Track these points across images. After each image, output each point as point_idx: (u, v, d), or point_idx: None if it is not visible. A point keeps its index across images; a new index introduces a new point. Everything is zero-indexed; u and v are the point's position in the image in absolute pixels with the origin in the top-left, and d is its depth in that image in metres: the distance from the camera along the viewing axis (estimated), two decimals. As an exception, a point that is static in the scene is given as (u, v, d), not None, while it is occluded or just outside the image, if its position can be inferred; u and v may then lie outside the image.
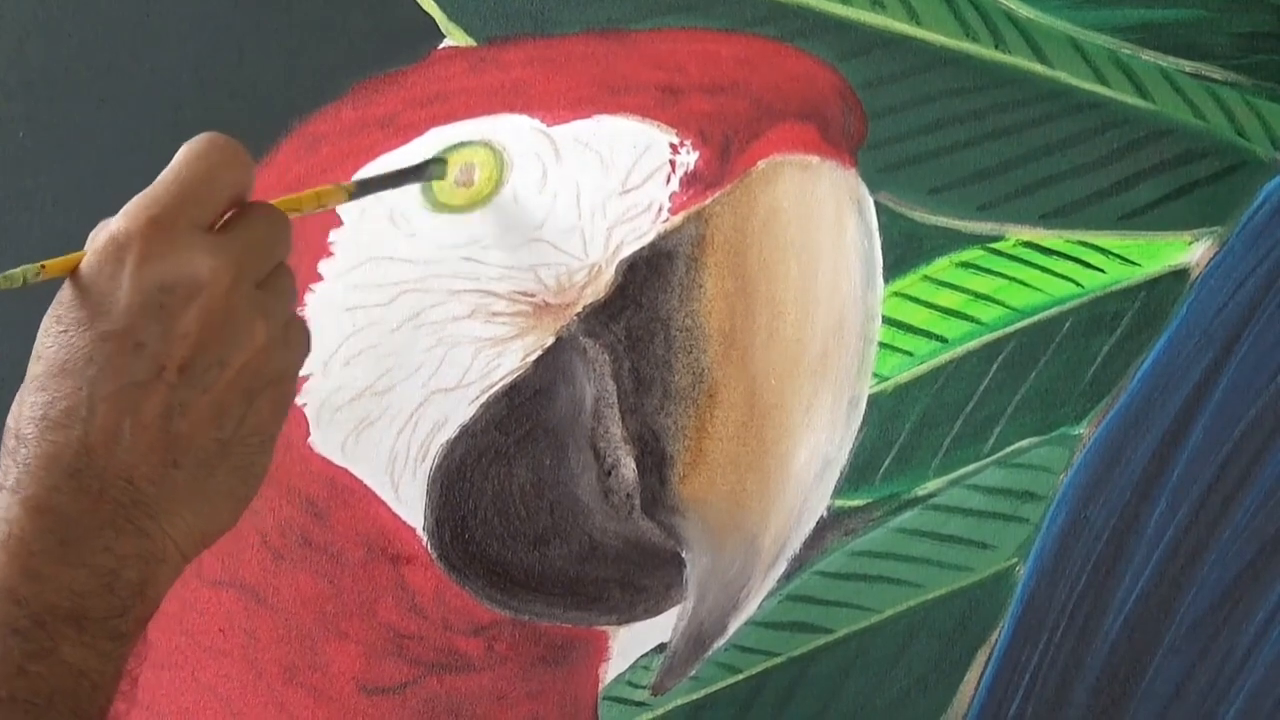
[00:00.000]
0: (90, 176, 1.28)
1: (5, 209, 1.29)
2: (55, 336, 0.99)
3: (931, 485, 1.18)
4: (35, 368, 0.99)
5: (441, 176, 1.20)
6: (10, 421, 0.99)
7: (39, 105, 1.29)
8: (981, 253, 1.19)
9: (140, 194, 1.01)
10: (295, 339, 1.05)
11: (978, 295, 1.19)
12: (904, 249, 1.19)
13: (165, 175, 1.01)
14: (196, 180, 1.01)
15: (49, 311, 1.00)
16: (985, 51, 1.20)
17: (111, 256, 0.99)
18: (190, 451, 0.99)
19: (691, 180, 1.18)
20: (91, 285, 0.99)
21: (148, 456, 0.98)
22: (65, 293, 1.00)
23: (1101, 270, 1.18)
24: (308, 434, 1.21)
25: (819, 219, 1.18)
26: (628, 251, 1.18)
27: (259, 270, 1.02)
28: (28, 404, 0.99)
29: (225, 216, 1.03)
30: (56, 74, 1.29)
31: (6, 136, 1.30)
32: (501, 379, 1.18)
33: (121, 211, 1.00)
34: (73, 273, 1.00)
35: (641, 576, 1.19)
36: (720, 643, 1.18)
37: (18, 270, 1.02)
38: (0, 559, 0.96)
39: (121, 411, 0.98)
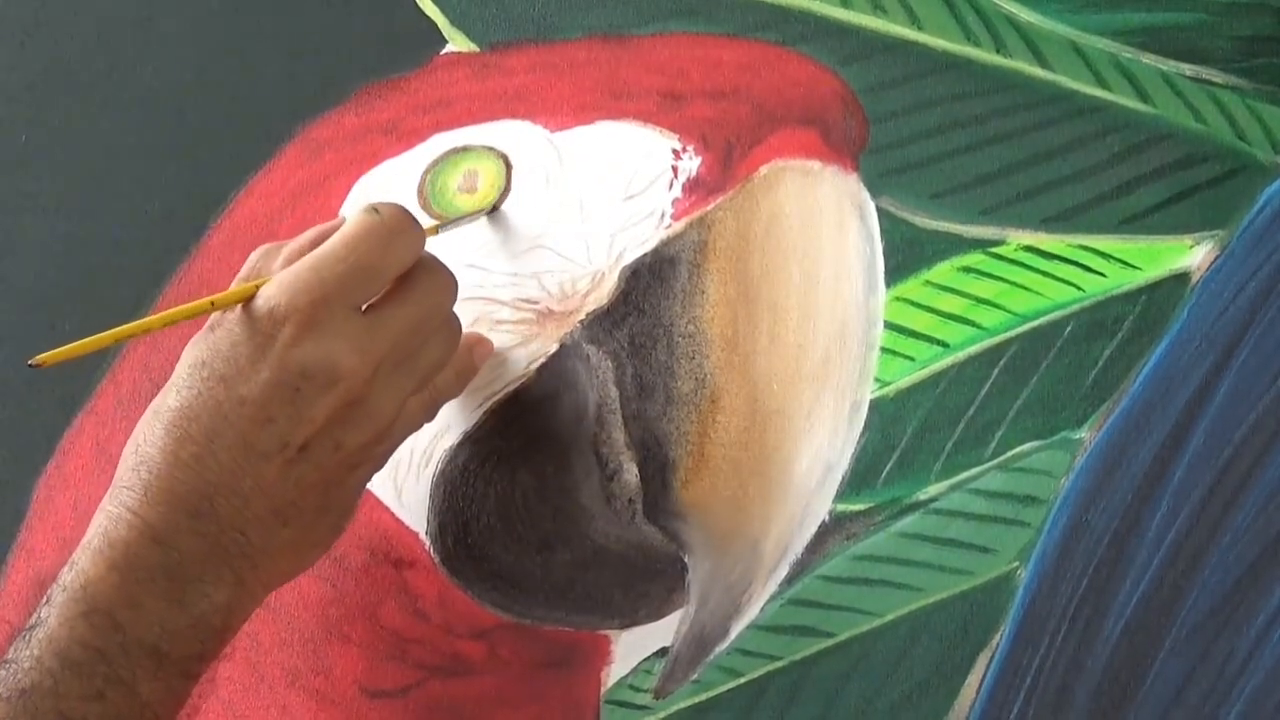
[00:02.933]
0: (91, 178, 1.28)
1: (5, 209, 1.29)
2: (201, 381, 1.03)
3: (933, 489, 1.18)
4: (171, 399, 1.03)
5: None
6: (135, 440, 1.03)
7: (39, 106, 1.29)
8: (983, 257, 1.19)
9: (307, 262, 1.03)
10: (413, 415, 1.08)
11: (979, 300, 1.19)
12: (905, 254, 1.19)
13: (336, 248, 1.03)
14: (364, 263, 1.03)
15: (197, 342, 1.04)
16: (987, 56, 1.20)
17: (265, 329, 1.02)
18: (298, 514, 1.04)
19: (694, 186, 1.18)
20: (241, 347, 1.02)
21: (263, 516, 1.02)
22: (220, 339, 1.02)
23: (1102, 274, 1.18)
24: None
25: (821, 224, 1.18)
26: (630, 258, 1.18)
27: (404, 355, 1.05)
28: (158, 434, 1.02)
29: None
30: (57, 76, 1.29)
31: (7, 137, 1.30)
32: (505, 386, 1.19)
33: (286, 284, 1.02)
34: (240, 309, 1.03)
35: (644, 581, 1.19)
36: (722, 646, 1.18)
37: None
38: (112, 578, 1.00)
39: (244, 473, 1.01)
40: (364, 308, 1.05)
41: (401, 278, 1.06)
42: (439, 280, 1.07)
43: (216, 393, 1.02)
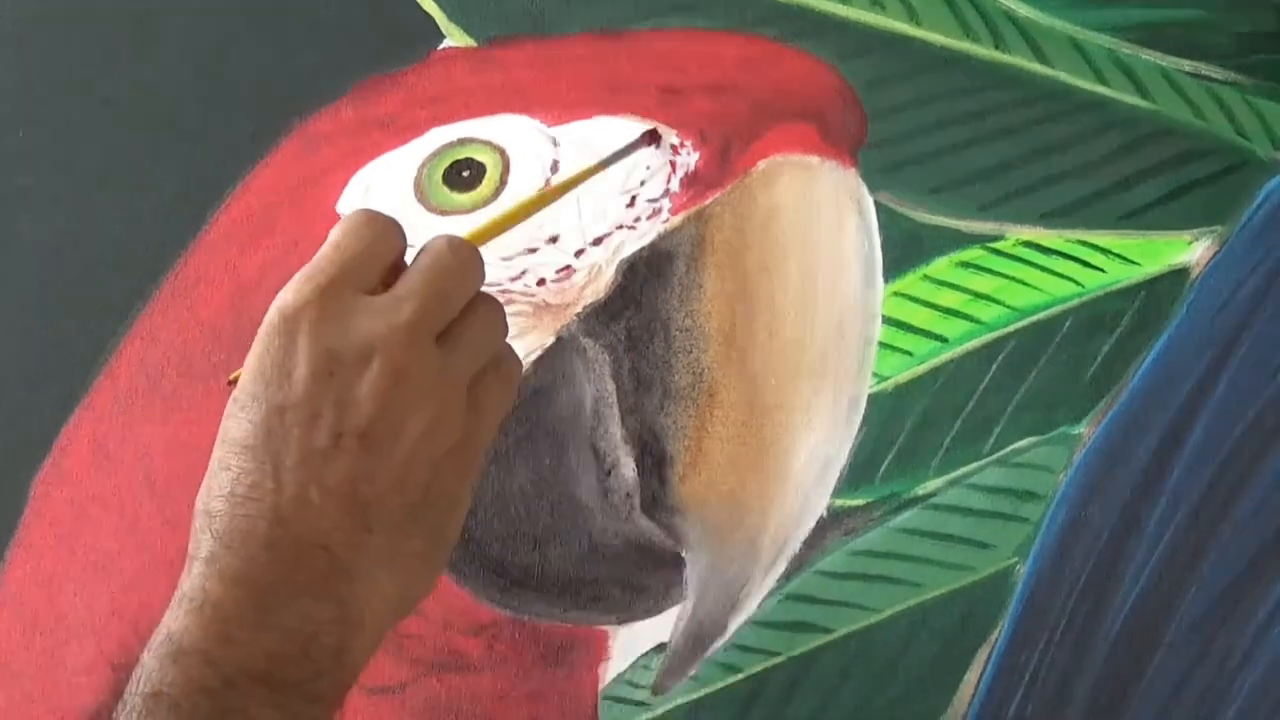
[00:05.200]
0: (90, 176, 1.28)
1: (5, 209, 1.29)
2: (234, 417, 0.99)
3: (931, 485, 1.18)
4: (219, 450, 0.99)
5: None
6: (199, 503, 0.99)
7: (39, 105, 1.29)
8: (982, 252, 1.19)
9: (302, 269, 1.00)
10: (487, 399, 1.02)
11: (978, 295, 1.19)
12: (904, 249, 1.19)
13: (324, 249, 1.01)
14: (354, 249, 1.00)
15: (231, 396, 1.00)
16: (985, 51, 1.20)
17: (282, 330, 0.99)
18: (381, 516, 0.98)
19: (692, 180, 1.18)
20: (265, 361, 0.99)
21: (340, 523, 0.98)
22: (247, 362, 1.00)
23: (1102, 270, 1.18)
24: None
25: (819, 219, 1.18)
26: (628, 252, 1.18)
27: (434, 323, 1.00)
28: (215, 483, 0.98)
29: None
30: (56, 74, 1.29)
31: (6, 136, 1.30)
32: (501, 379, 1.19)
33: (286, 287, 1.00)
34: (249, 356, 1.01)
35: (641, 576, 1.19)
36: (720, 642, 1.18)
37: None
38: (194, 624, 0.96)
39: (307, 480, 0.97)
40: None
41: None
42: (448, 252, 1.02)
43: (255, 415, 0.98)
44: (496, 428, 1.04)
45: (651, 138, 1.18)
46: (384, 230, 1.02)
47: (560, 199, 1.16)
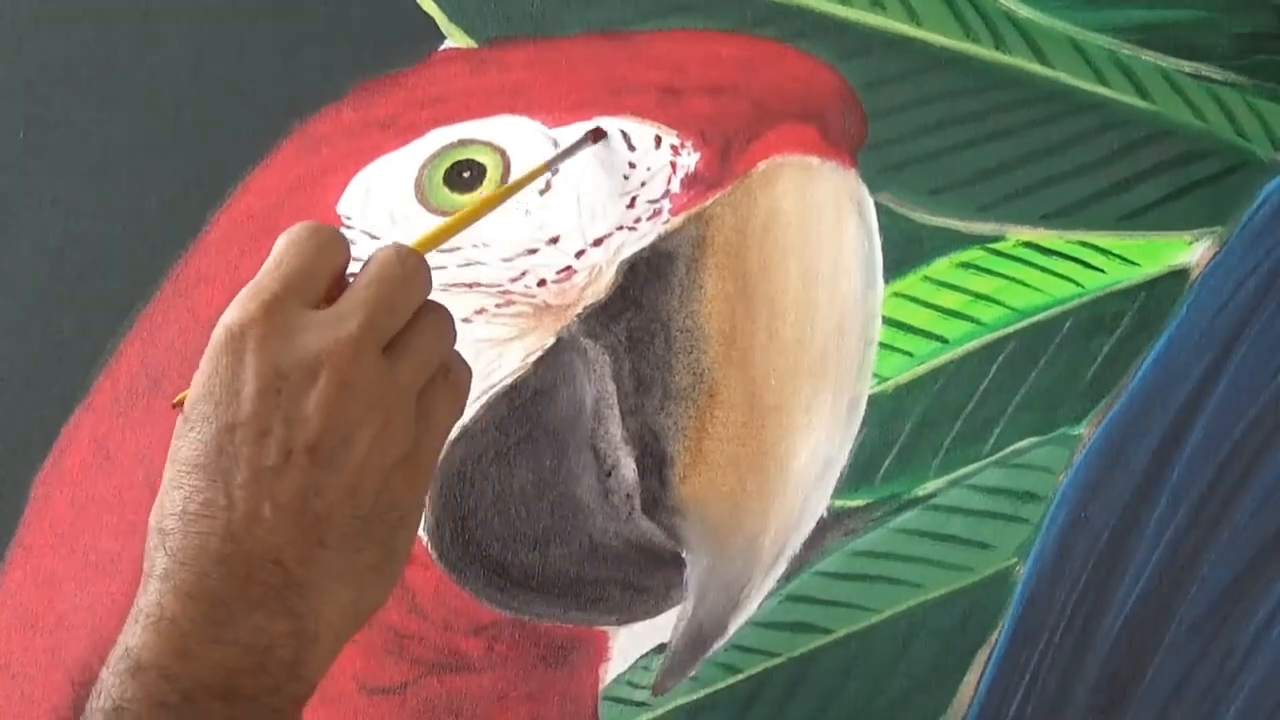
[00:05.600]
0: (90, 176, 1.28)
1: (5, 209, 1.29)
2: (185, 436, 0.99)
3: (931, 485, 1.18)
4: (169, 470, 1.00)
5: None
6: (152, 520, 0.99)
7: (39, 105, 1.29)
8: (982, 253, 1.19)
9: (246, 286, 1.00)
10: (437, 408, 1.03)
11: (978, 296, 1.19)
12: (904, 249, 1.19)
13: (266, 265, 1.01)
14: (296, 264, 1.00)
15: (180, 415, 1.00)
16: (986, 52, 1.20)
17: (228, 349, 0.99)
18: (333, 529, 0.99)
19: (692, 181, 1.18)
20: (214, 380, 0.99)
21: (292, 537, 0.98)
22: (190, 391, 1.00)
23: (1102, 270, 1.18)
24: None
25: (819, 220, 1.18)
26: (628, 252, 1.18)
27: (381, 333, 1.00)
28: (168, 502, 0.99)
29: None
30: (56, 74, 1.29)
31: (6, 136, 1.30)
32: (502, 380, 1.19)
33: (230, 306, 1.00)
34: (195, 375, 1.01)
35: (642, 577, 1.19)
36: (720, 643, 1.18)
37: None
38: (152, 640, 0.97)
39: (259, 496, 0.98)
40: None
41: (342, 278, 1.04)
42: (394, 261, 1.02)
43: (205, 434, 0.98)
44: (447, 436, 1.04)
45: (596, 136, 1.18)
46: (327, 243, 1.01)
47: (506, 201, 1.16)
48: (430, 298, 1.03)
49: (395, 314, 1.01)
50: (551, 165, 1.18)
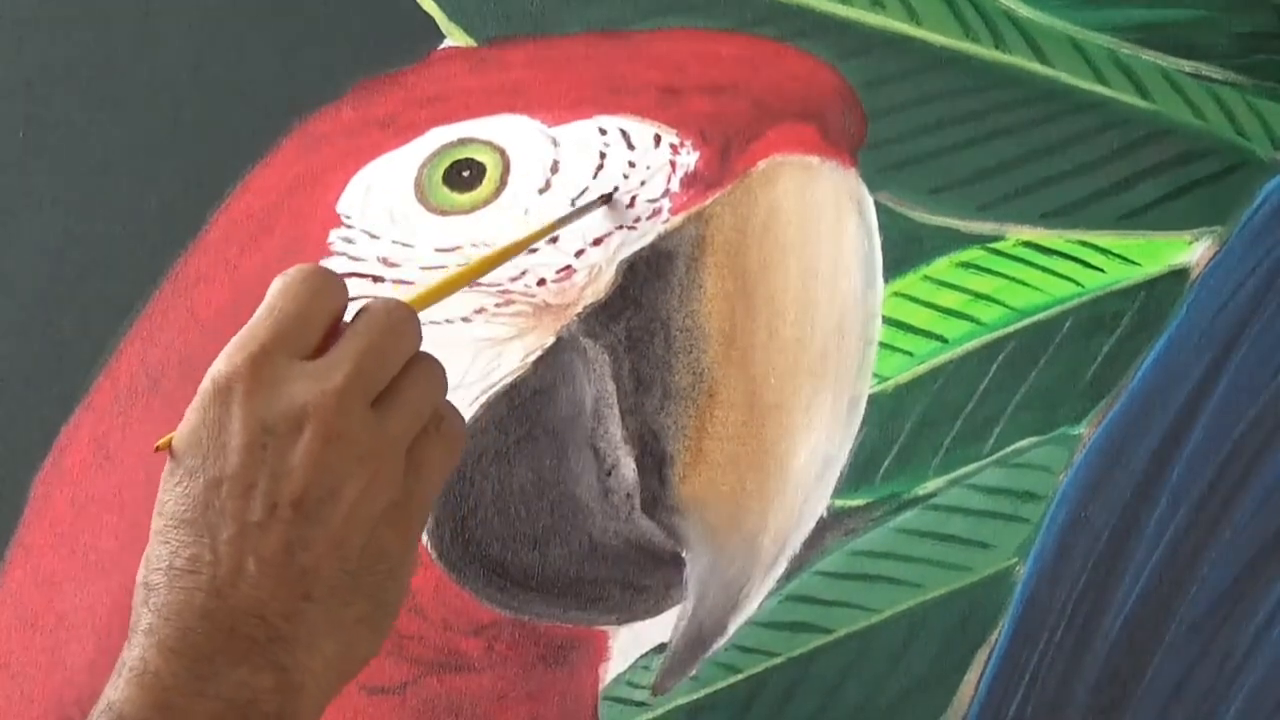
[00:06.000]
0: (90, 176, 1.28)
1: (5, 209, 1.29)
2: (171, 490, 0.99)
3: (931, 485, 1.18)
4: (156, 523, 0.99)
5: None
6: (139, 576, 0.99)
7: (39, 105, 1.29)
8: (981, 252, 1.19)
9: (237, 335, 1.00)
10: (428, 459, 1.02)
11: (978, 295, 1.19)
12: (904, 249, 1.19)
13: (259, 312, 1.00)
14: (290, 312, 1.00)
15: (166, 466, 1.00)
16: (985, 51, 1.20)
17: (216, 401, 0.98)
18: (319, 584, 0.98)
19: (692, 180, 1.18)
20: (201, 433, 0.99)
21: (277, 593, 0.98)
22: (177, 442, 1.00)
23: (1101, 270, 1.18)
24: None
25: (819, 219, 1.18)
26: (628, 252, 1.18)
27: (369, 385, 1.00)
28: (153, 557, 0.99)
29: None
30: (56, 74, 1.29)
31: (6, 136, 1.30)
32: (501, 379, 1.19)
33: (220, 355, 0.99)
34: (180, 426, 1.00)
35: (641, 576, 1.19)
36: (720, 643, 1.18)
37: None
38: (135, 694, 0.96)
39: (244, 552, 0.97)
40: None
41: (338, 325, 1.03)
42: (382, 313, 1.02)
43: (192, 489, 0.98)
44: (440, 487, 1.03)
45: (605, 199, 1.19)
46: (321, 289, 1.01)
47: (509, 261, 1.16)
48: (421, 349, 1.02)
49: (383, 366, 1.00)
50: (560, 225, 1.17)
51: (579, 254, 1.19)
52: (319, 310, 1.01)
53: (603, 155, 1.20)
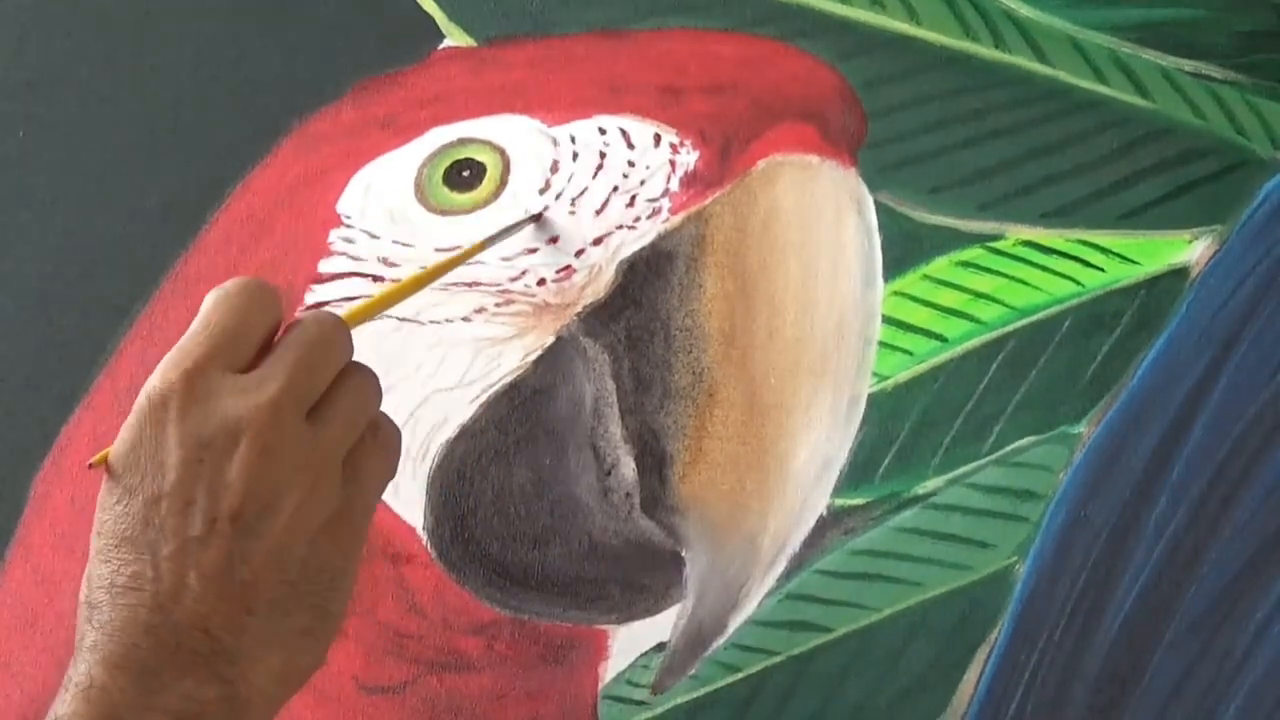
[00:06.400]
0: (90, 176, 1.28)
1: (5, 209, 1.29)
2: (110, 509, 0.99)
3: (931, 484, 1.18)
4: (96, 543, 1.00)
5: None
6: (81, 595, 0.99)
7: (39, 104, 1.29)
8: (981, 252, 1.19)
9: (172, 349, 1.00)
10: (363, 468, 1.02)
11: (978, 294, 1.19)
12: (904, 248, 1.19)
13: (194, 326, 1.00)
14: (224, 325, 1.00)
15: (102, 485, 1.00)
16: (985, 51, 1.20)
17: (151, 417, 0.99)
18: (260, 596, 0.99)
19: (691, 180, 1.18)
20: (138, 451, 0.99)
21: (219, 607, 0.98)
22: (113, 459, 1.00)
23: (1101, 269, 1.18)
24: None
25: (819, 219, 1.18)
26: (627, 252, 1.19)
27: (302, 397, 1.00)
28: (95, 576, 0.99)
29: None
30: (56, 73, 1.29)
31: (6, 136, 1.30)
32: (501, 378, 1.19)
33: (155, 371, 1.00)
34: (116, 443, 1.00)
35: (641, 575, 1.19)
36: (720, 642, 1.18)
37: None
38: (82, 709, 0.96)
39: (185, 567, 0.97)
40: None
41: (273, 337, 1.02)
42: (313, 325, 1.01)
43: (131, 507, 0.98)
44: (378, 496, 1.03)
45: (535, 218, 1.19)
46: (257, 301, 1.01)
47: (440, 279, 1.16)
48: (355, 359, 1.02)
49: (316, 377, 1.00)
50: (489, 244, 1.17)
51: (579, 253, 1.19)
52: (254, 324, 1.00)
53: (602, 155, 1.20)
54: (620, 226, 1.19)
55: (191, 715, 0.97)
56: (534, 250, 1.19)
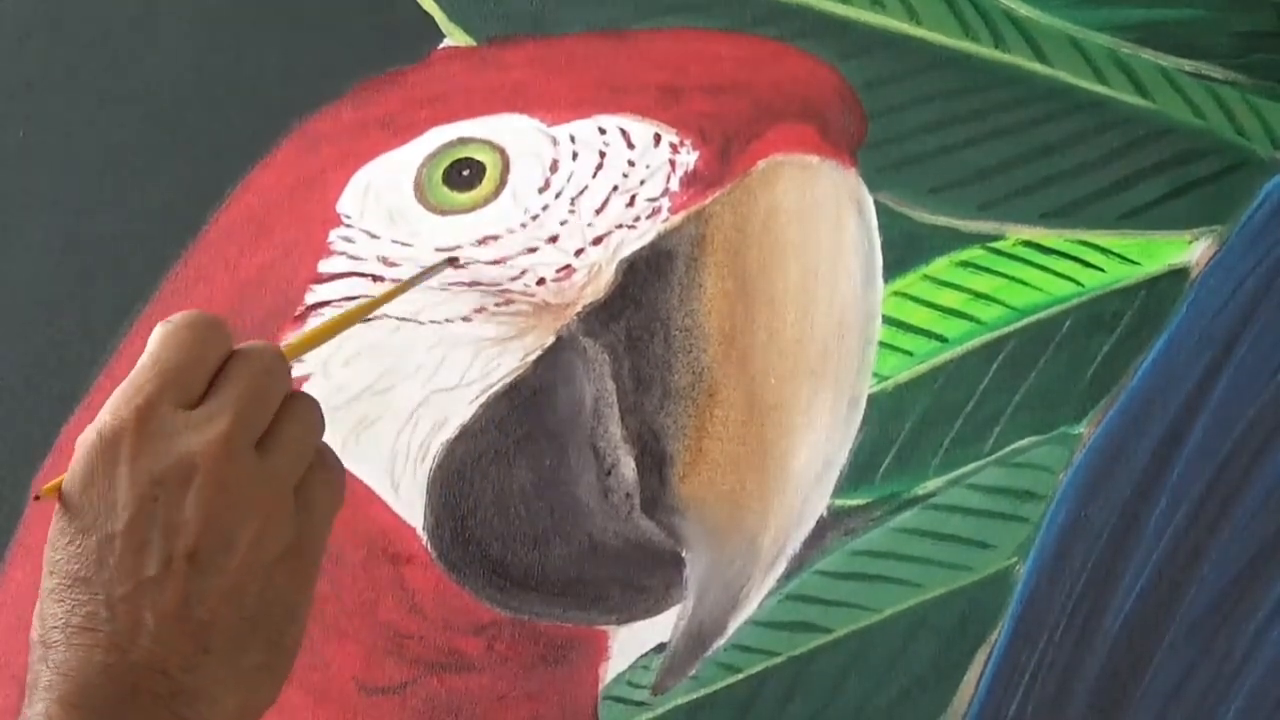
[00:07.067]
0: (90, 176, 1.28)
1: (5, 209, 1.29)
2: (63, 548, 0.97)
3: (931, 484, 1.18)
4: (48, 582, 0.98)
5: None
6: (34, 634, 0.98)
7: (39, 104, 1.29)
8: (981, 252, 1.19)
9: (121, 385, 0.99)
10: (314, 498, 1.01)
11: (978, 294, 1.19)
12: (904, 248, 1.19)
13: (143, 361, 0.99)
14: (174, 360, 0.98)
15: (53, 522, 0.99)
16: (985, 51, 1.20)
17: (103, 456, 0.97)
18: (217, 634, 0.97)
19: (691, 180, 1.18)
20: (90, 491, 0.97)
21: (176, 646, 0.96)
22: (67, 499, 0.98)
23: (1101, 269, 1.18)
24: (307, 434, 1.21)
25: (819, 219, 1.18)
26: (628, 251, 1.19)
27: (251, 430, 0.99)
28: (48, 615, 0.97)
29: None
30: (57, 73, 1.29)
31: (6, 136, 1.30)
32: (501, 379, 1.19)
33: (105, 406, 0.98)
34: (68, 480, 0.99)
35: (641, 576, 1.19)
36: (720, 642, 1.18)
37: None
38: None
39: (141, 608, 0.96)
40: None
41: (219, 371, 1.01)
42: (254, 356, 1.00)
43: (85, 546, 0.96)
44: (330, 526, 1.02)
45: (451, 262, 1.18)
46: (203, 334, 1.00)
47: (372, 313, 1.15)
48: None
49: (263, 407, 0.99)
50: (410, 285, 1.16)
51: (579, 253, 1.19)
52: (202, 358, 0.99)
53: (602, 154, 1.20)
54: (620, 226, 1.19)
55: None
56: (534, 250, 1.19)
